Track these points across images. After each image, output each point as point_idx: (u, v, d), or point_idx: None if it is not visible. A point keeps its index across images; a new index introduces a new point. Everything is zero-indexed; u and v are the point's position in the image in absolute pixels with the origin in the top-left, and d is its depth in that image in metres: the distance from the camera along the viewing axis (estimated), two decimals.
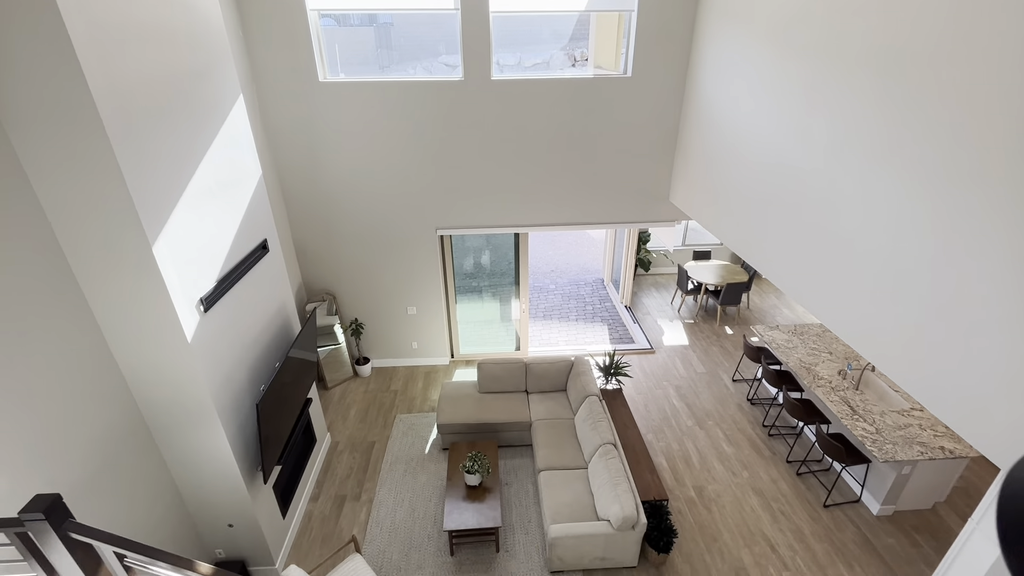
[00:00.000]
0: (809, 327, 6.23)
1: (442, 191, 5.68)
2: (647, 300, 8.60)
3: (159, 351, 3.08)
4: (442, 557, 4.32)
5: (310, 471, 4.98)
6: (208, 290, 3.28)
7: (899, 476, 4.44)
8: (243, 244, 3.81)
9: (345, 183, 5.58)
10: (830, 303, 3.24)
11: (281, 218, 5.61)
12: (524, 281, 6.63)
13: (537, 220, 5.92)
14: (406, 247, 6.03)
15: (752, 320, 7.97)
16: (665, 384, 6.50)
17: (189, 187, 3.13)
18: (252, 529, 3.88)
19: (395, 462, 5.29)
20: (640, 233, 8.85)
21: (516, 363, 5.67)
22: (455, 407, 5.39)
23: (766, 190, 3.88)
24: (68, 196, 2.61)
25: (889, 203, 2.72)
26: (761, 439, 5.60)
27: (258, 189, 4.08)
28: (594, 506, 4.28)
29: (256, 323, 3.96)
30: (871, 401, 4.94)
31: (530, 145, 5.47)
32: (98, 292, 2.89)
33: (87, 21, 2.37)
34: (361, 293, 6.33)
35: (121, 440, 3.15)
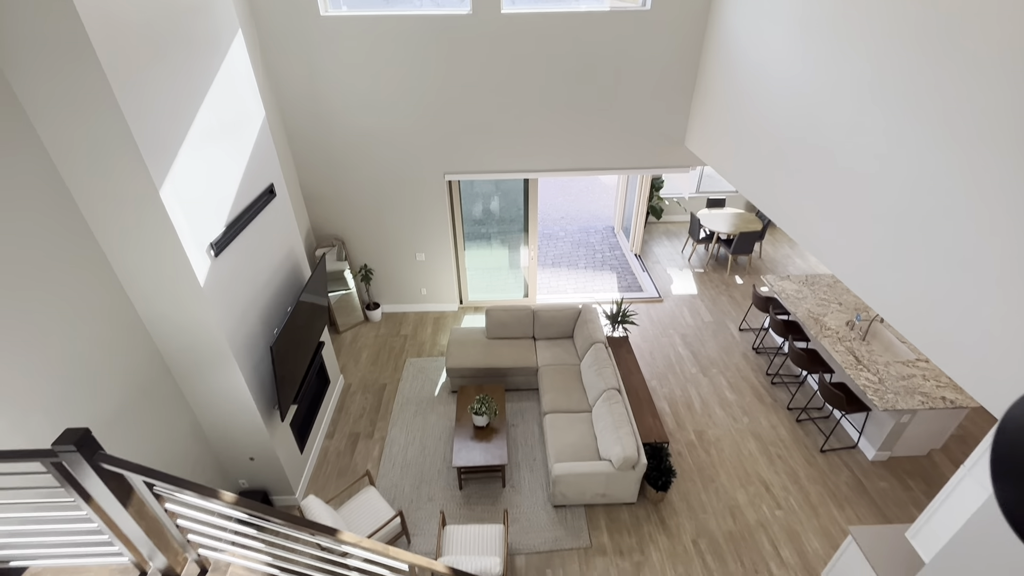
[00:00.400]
0: (821, 277, 6.17)
1: (449, 134, 5.53)
2: (657, 249, 8.52)
3: (173, 296, 3.15)
4: (451, 491, 4.57)
5: (325, 410, 5.20)
6: (218, 235, 3.30)
7: (897, 424, 4.53)
8: (250, 188, 3.79)
9: (350, 126, 5.44)
10: (843, 254, 3.18)
11: (287, 162, 5.52)
12: (533, 228, 6.57)
13: (547, 165, 5.77)
14: (414, 192, 5.96)
15: (763, 270, 7.89)
16: (671, 332, 6.56)
17: (192, 128, 3.07)
18: (272, 462, 4.11)
19: (406, 403, 5.49)
20: (653, 180, 8.63)
21: (524, 310, 5.72)
22: (464, 352, 5.51)
23: (786, 136, 3.72)
24: (72, 140, 2.57)
25: (913, 154, 2.60)
26: (764, 387, 5.70)
27: (262, 131, 4.00)
28: (597, 447, 4.45)
29: (266, 268, 4.00)
30: (877, 352, 4.96)
31: (541, 85, 5.24)
32: (111, 239, 2.92)
33: None
34: (370, 239, 6.33)
35: (144, 382, 3.28)
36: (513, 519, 4.34)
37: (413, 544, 4.13)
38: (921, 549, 2.86)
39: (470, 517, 4.36)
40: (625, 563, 4.04)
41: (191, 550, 2.19)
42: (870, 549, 3.32)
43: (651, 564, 4.04)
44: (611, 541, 4.19)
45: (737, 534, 4.25)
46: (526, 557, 4.08)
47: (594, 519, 4.35)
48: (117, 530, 2.03)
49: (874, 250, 2.91)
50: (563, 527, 4.27)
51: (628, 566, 4.03)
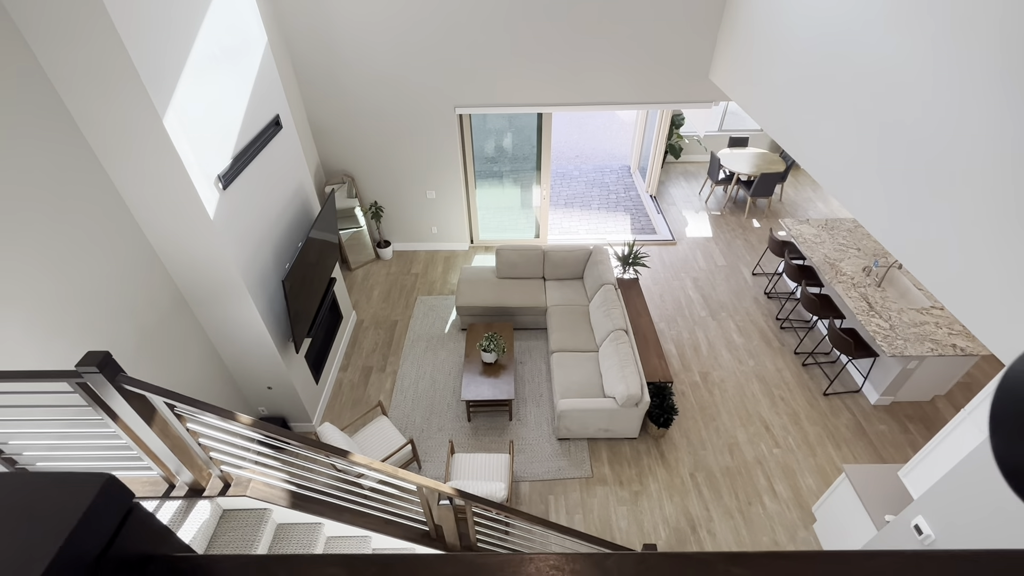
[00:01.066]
0: (841, 222, 5.99)
1: (461, 65, 5.27)
2: (674, 190, 8.29)
3: (184, 230, 3.17)
4: (460, 422, 4.77)
5: (338, 344, 5.36)
6: (225, 167, 3.27)
7: (904, 370, 4.55)
8: (256, 119, 3.70)
9: (359, 56, 5.21)
10: (867, 197, 3.06)
11: (294, 94, 5.36)
12: (546, 167, 6.39)
13: (562, 99, 5.52)
14: (424, 127, 5.78)
15: (782, 213, 7.68)
16: (683, 276, 6.51)
17: (192, 54, 2.97)
18: (289, 391, 4.30)
19: (417, 339, 5.62)
20: (673, 116, 8.25)
21: (534, 250, 5.70)
22: (473, 291, 5.56)
23: (819, 71, 3.47)
24: (71, 67, 2.50)
25: (956, 95, 2.41)
26: (772, 331, 5.71)
27: (265, 59, 3.85)
28: (602, 385, 4.56)
29: (276, 203, 3.99)
30: (891, 299, 4.89)
31: (558, 13, 4.91)
32: (119, 171, 2.91)
33: None
34: (380, 175, 6.24)
35: (163, 313, 3.39)
36: (518, 450, 4.54)
37: (423, 470, 4.37)
38: (912, 487, 2.95)
39: (478, 447, 4.58)
40: (624, 492, 4.26)
41: (214, 466, 2.35)
42: (862, 486, 3.43)
43: (648, 494, 4.25)
44: (612, 472, 4.40)
45: (734, 469, 4.41)
46: (530, 484, 4.31)
47: (596, 452, 4.54)
48: (144, 446, 2.17)
49: (900, 195, 2.79)
50: (566, 458, 4.48)
51: (627, 495, 4.24)
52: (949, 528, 2.48)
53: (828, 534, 3.84)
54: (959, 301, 2.44)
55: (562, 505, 4.18)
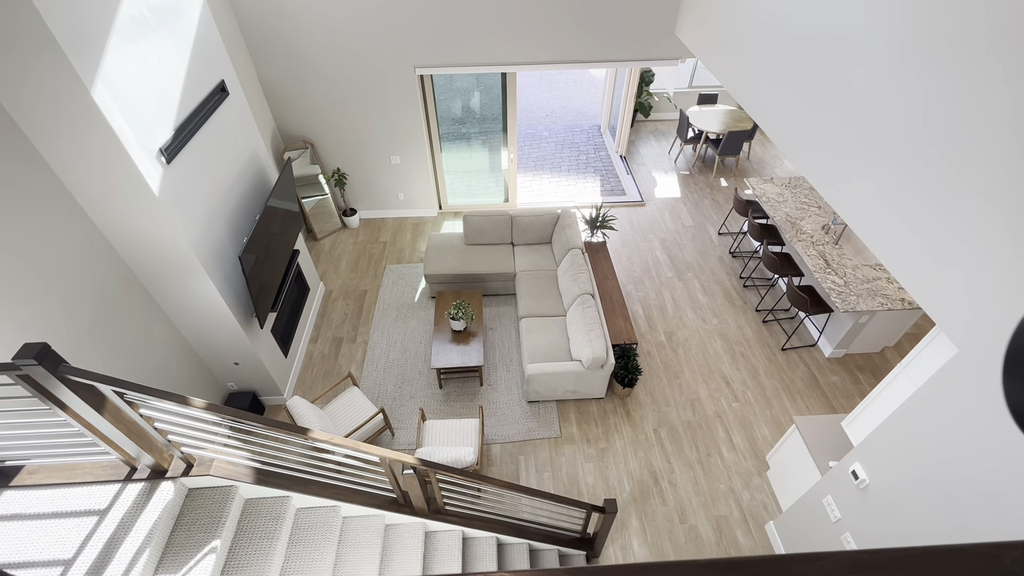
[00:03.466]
0: (803, 180, 6.07)
1: (419, 22, 5.03)
2: (644, 149, 8.24)
3: (128, 208, 3.04)
4: (432, 389, 4.84)
5: (307, 317, 5.31)
6: (167, 140, 3.11)
7: (856, 324, 4.76)
8: (198, 86, 3.50)
9: (312, 13, 4.91)
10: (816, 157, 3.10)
11: (240, 54, 5.06)
12: (512, 128, 6.26)
13: (526, 58, 5.35)
14: (384, 88, 5.56)
15: (750, 172, 7.74)
16: (651, 237, 6.58)
17: (119, 16, 2.76)
18: (257, 367, 4.28)
19: (386, 309, 5.61)
20: (643, 73, 8.10)
21: (502, 216, 5.65)
22: (441, 258, 5.53)
23: (782, 33, 3.42)
24: None
25: (911, 68, 2.42)
26: (736, 290, 5.86)
27: (204, 19, 3.60)
28: (569, 349, 4.66)
29: (227, 173, 3.83)
30: (848, 255, 5.05)
31: None
32: (51, 149, 2.75)
33: None
34: (340, 141, 6.03)
35: (116, 295, 3.29)
36: (489, 413, 4.66)
37: (396, 438, 4.47)
38: (852, 436, 3.15)
39: (449, 413, 4.68)
40: (591, 450, 4.44)
41: (175, 449, 2.35)
42: (810, 436, 3.65)
43: (614, 450, 4.44)
44: (579, 431, 4.56)
45: (695, 423, 4.63)
46: (501, 446, 4.45)
47: (564, 412, 4.69)
48: (99, 433, 2.16)
49: (847, 154, 2.83)
50: (535, 420, 4.62)
51: (594, 452, 4.43)
52: (881, 473, 2.68)
53: (779, 480, 4.10)
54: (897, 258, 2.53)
55: (532, 465, 4.34)
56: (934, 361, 2.62)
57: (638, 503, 4.11)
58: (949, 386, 2.23)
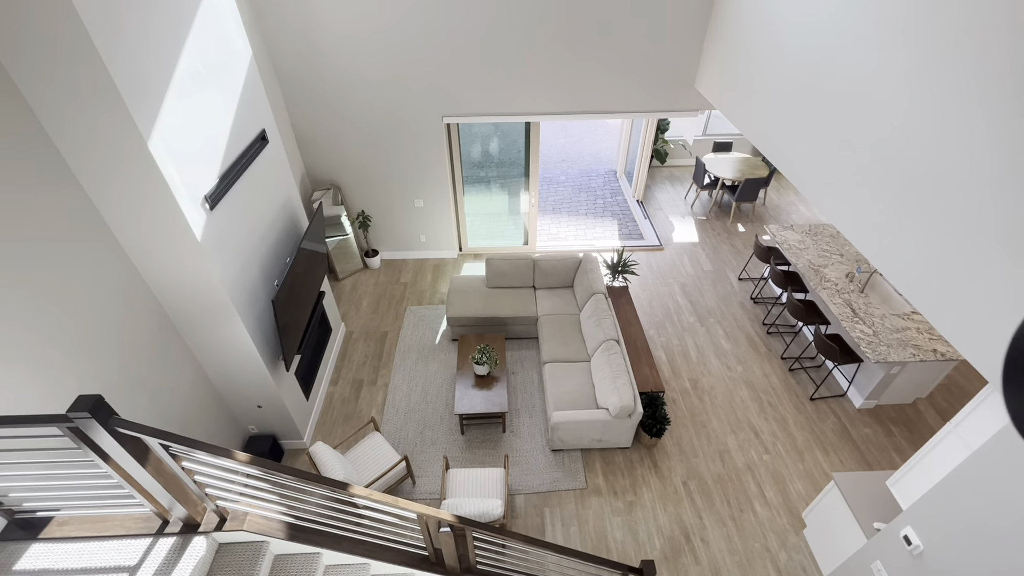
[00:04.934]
0: (824, 228, 6.11)
1: (448, 74, 5.24)
2: (660, 194, 8.36)
3: (171, 253, 3.10)
4: (454, 436, 4.75)
5: (328, 358, 5.29)
6: (211, 187, 3.19)
7: (887, 375, 4.66)
8: (241, 136, 3.63)
9: (344, 64, 5.13)
10: (845, 205, 3.12)
11: (278, 104, 5.26)
12: (534, 174, 6.39)
13: (550, 108, 5.52)
14: (411, 136, 5.73)
15: (767, 218, 7.80)
16: (671, 282, 6.57)
17: (177, 72, 2.89)
18: (279, 410, 4.23)
19: (407, 351, 5.58)
20: (659, 121, 8.31)
21: (524, 259, 5.69)
22: (464, 301, 5.54)
23: (800, 81, 3.53)
24: (53, 91, 2.42)
25: (932, 112, 2.47)
26: (759, 336, 5.80)
27: (250, 73, 3.77)
28: (594, 395, 4.58)
29: (263, 218, 3.91)
30: (874, 304, 5.01)
31: (545, 22, 4.90)
32: (103, 197, 2.83)
33: None
34: (367, 184, 6.17)
35: (151, 338, 3.30)
36: (513, 462, 4.54)
37: (418, 486, 4.35)
38: (900, 497, 3.02)
39: (472, 461, 4.57)
40: (618, 502, 4.29)
41: (209, 501, 2.30)
42: (851, 494, 3.51)
43: (643, 503, 4.28)
44: (606, 482, 4.42)
45: (725, 476, 4.48)
46: (525, 497, 4.31)
47: (590, 462, 4.57)
48: (136, 485, 2.11)
49: (877, 204, 2.85)
50: (560, 469, 4.49)
51: (621, 505, 4.27)
52: (938, 539, 2.55)
53: (818, 541, 3.92)
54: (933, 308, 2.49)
55: (557, 518, 4.19)
56: (990, 422, 2.54)
57: (670, 561, 3.93)
58: (1010, 450, 2.15)
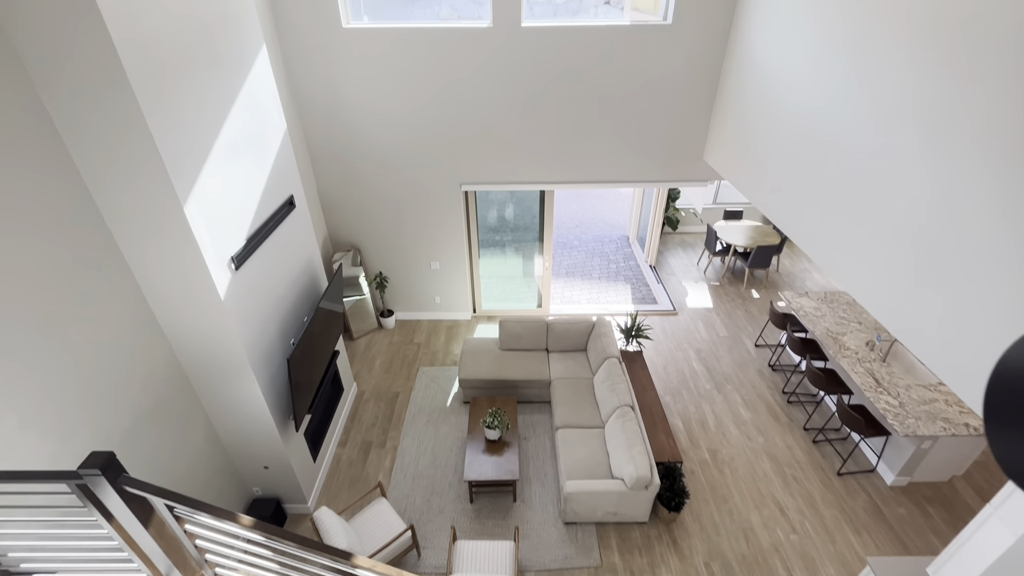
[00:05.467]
0: (839, 295, 6.06)
1: (467, 144, 5.54)
2: (673, 260, 8.45)
3: (195, 309, 3.19)
4: (462, 504, 4.56)
5: (338, 418, 5.23)
6: (238, 248, 3.33)
7: (918, 450, 4.43)
8: (271, 201, 3.83)
9: (370, 136, 5.48)
10: (860, 275, 3.12)
11: (306, 171, 5.58)
12: (548, 239, 6.55)
13: (564, 177, 5.76)
14: (430, 201, 5.98)
15: (781, 284, 7.79)
16: (686, 347, 6.49)
17: (216, 143, 3.12)
18: (285, 471, 4.14)
19: (418, 413, 5.50)
20: (669, 190, 8.56)
21: (537, 322, 5.71)
22: (476, 363, 5.51)
23: (807, 154, 3.67)
24: (100, 157, 2.62)
25: (937, 181, 2.54)
26: (779, 405, 5.61)
27: (283, 143, 4.04)
28: (609, 464, 4.41)
29: (285, 278, 4.04)
30: (898, 374, 4.86)
31: (560, 97, 5.23)
32: (136, 253, 2.97)
33: None
34: (386, 247, 6.37)
35: (165, 392, 3.33)
36: (523, 535, 4.32)
37: (424, 558, 4.13)
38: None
39: (480, 532, 4.35)
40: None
41: (208, 568, 2.21)
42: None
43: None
44: (622, 560, 4.16)
45: (751, 557, 4.18)
46: (536, 574, 4.06)
47: (605, 537, 4.32)
48: (136, 547, 2.06)
49: (892, 273, 2.85)
50: (573, 545, 4.25)
51: None
52: None
53: None
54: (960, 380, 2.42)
55: None
56: None
57: None
58: None
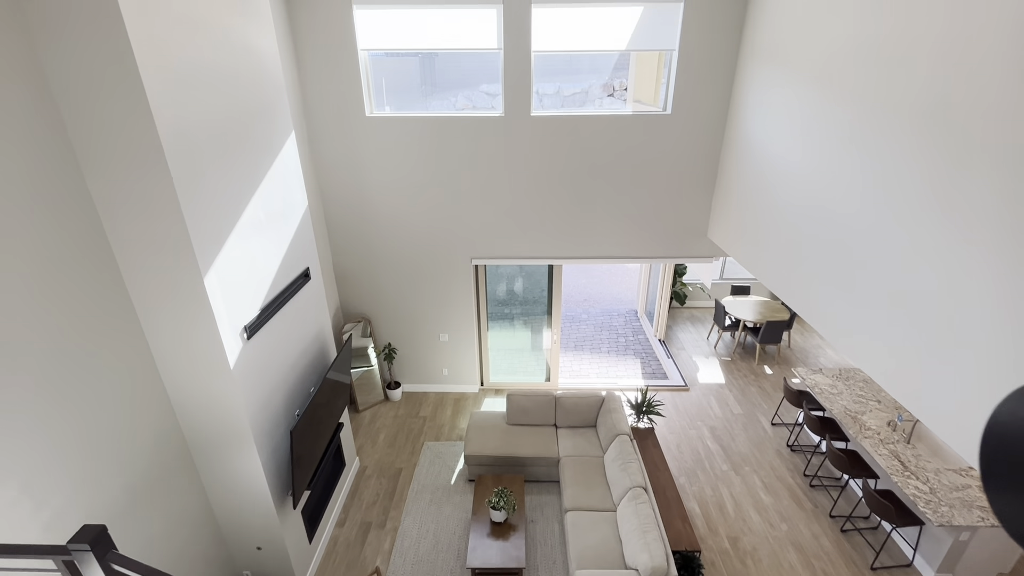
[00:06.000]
0: (854, 372, 5.93)
1: (479, 222, 5.78)
2: (682, 334, 8.40)
3: (203, 376, 3.21)
4: None
5: (338, 495, 5.03)
6: (252, 318, 3.41)
7: (956, 542, 4.11)
8: (287, 273, 3.96)
9: (386, 212, 5.75)
10: (872, 352, 3.08)
11: (323, 243, 5.81)
12: (556, 312, 6.60)
13: (572, 253, 5.92)
14: (441, 275, 6.13)
15: (793, 360, 7.65)
16: (699, 424, 6.28)
17: (241, 219, 3.29)
18: (279, 552, 3.93)
19: (421, 490, 5.28)
20: (676, 265, 8.71)
21: (545, 396, 5.61)
22: (483, 438, 5.36)
23: (807, 231, 3.77)
24: (132, 232, 2.79)
25: (937, 255, 2.59)
26: (802, 489, 5.31)
27: (304, 219, 4.25)
28: (622, 552, 4.13)
29: (295, 349, 4.08)
30: (924, 456, 4.63)
31: (568, 178, 5.52)
32: (152, 320, 3.05)
33: (159, 67, 2.56)
34: (396, 318, 6.45)
35: (166, 461, 3.27)
36: None
37: None
38: None
39: None
40: None
41: None
42: None
43: None
44: None
45: None
46: None
47: None
48: None
49: (905, 349, 2.81)
50: None
51: None
52: None
53: None
54: None
55: None
56: None
57: None
58: None
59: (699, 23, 4.84)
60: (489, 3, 4.81)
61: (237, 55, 3.27)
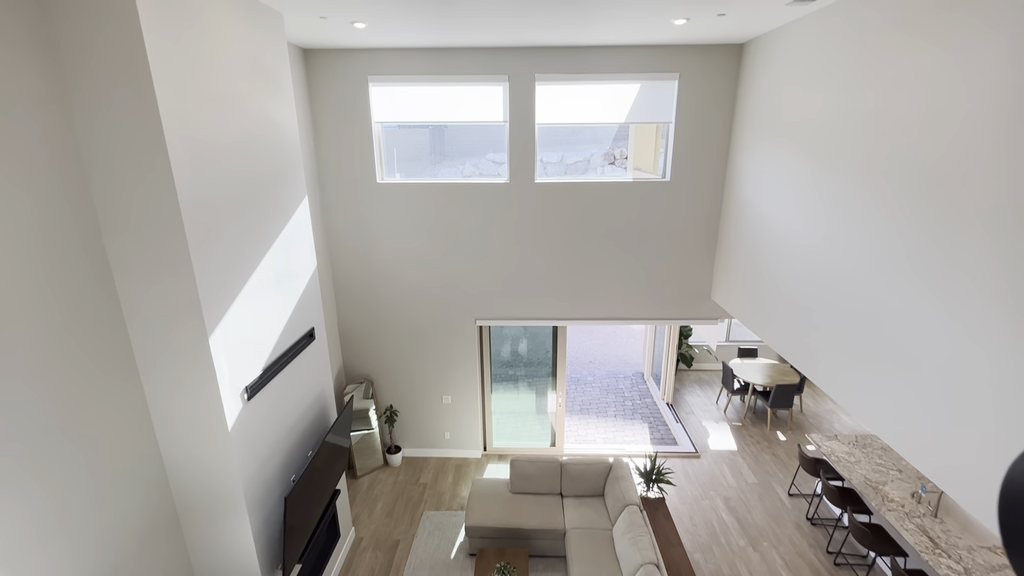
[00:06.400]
0: (871, 439, 5.71)
1: (484, 283, 5.85)
2: (690, 398, 8.21)
3: (200, 437, 3.14)
4: None
5: (330, 570, 4.74)
6: (254, 379, 3.39)
7: None
8: (292, 333, 3.97)
9: (393, 275, 5.85)
10: (887, 417, 2.99)
11: (329, 304, 5.86)
12: (561, 374, 6.51)
13: (577, 314, 5.93)
14: (446, 335, 6.12)
15: (806, 426, 7.40)
16: (712, 494, 5.99)
17: (250, 280, 3.35)
18: None
19: (419, 566, 4.97)
20: (682, 327, 8.67)
21: (551, 463, 5.41)
22: (485, 508, 5.12)
23: (809, 294, 3.78)
24: (143, 294, 2.83)
25: (940, 318, 2.57)
26: (827, 568, 4.96)
27: (311, 280, 4.32)
28: None
29: (295, 410, 4.01)
30: (954, 532, 4.35)
31: (571, 242, 5.64)
32: (153, 378, 3.03)
33: (184, 137, 2.71)
34: (399, 379, 6.37)
35: (153, 528, 3.13)
36: None
37: None
38: None
39: None
40: None
41: None
42: None
43: None
44: None
45: None
46: None
47: None
48: None
49: (920, 414, 2.72)
50: None
51: None
52: None
53: None
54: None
55: None
56: None
57: None
58: None
59: (693, 96, 5.14)
60: (496, 79, 5.15)
61: (258, 127, 3.47)
